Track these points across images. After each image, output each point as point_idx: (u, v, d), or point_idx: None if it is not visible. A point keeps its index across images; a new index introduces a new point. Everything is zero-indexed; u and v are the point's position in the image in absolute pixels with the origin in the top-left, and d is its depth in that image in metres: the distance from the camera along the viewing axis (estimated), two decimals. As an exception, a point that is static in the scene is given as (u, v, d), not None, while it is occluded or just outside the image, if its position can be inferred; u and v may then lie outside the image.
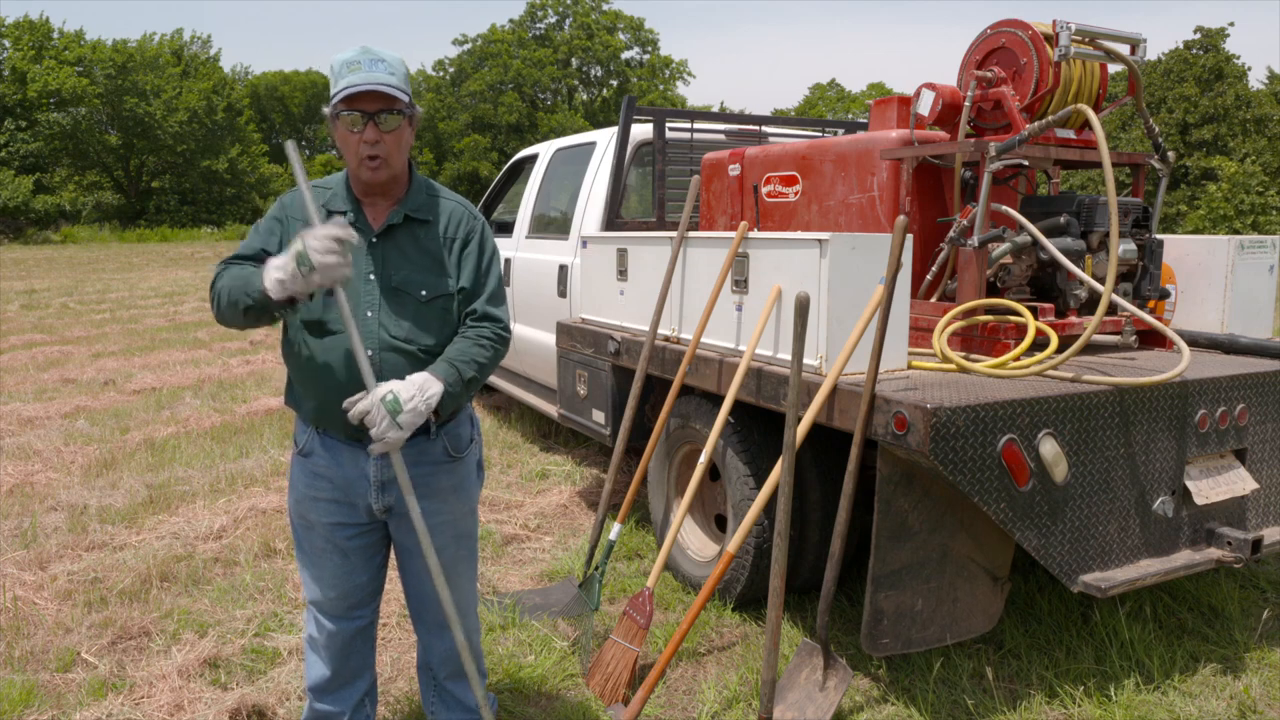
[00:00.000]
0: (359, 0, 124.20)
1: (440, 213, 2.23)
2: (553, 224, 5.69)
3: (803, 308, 2.68)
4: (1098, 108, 3.55)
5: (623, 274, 4.13)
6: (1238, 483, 3.07)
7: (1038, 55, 3.34)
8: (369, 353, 2.10)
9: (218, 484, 5.04)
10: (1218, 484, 3.03)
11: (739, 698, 2.93)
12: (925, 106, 3.50)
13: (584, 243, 4.56)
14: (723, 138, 5.45)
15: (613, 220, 4.89)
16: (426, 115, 45.95)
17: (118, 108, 40.33)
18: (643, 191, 5.72)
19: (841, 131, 5.60)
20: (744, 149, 4.47)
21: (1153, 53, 27.51)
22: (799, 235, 3.03)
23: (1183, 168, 25.40)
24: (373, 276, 2.14)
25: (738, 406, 3.25)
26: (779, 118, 6.01)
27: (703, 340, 3.47)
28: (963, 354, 3.21)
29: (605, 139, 5.27)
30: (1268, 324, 3.72)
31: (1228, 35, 26.67)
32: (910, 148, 3.51)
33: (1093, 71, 3.48)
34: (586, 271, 4.53)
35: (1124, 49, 3.42)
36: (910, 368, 3.05)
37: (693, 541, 3.80)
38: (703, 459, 3.23)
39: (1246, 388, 3.08)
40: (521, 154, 6.65)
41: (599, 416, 4.38)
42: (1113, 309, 3.28)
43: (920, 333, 3.28)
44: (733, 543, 2.94)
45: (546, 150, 6.10)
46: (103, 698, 2.88)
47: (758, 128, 5.53)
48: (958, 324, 3.22)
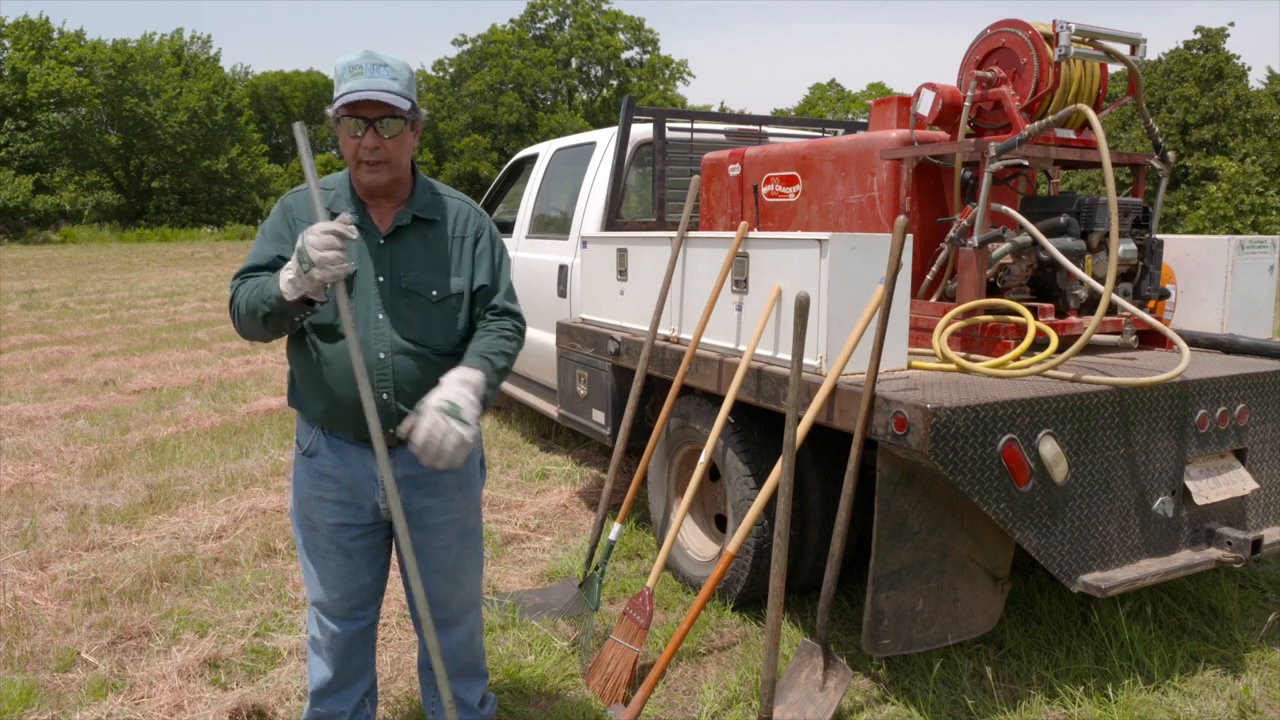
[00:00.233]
0: (359, 0, 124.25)
1: (446, 212, 2.23)
2: (553, 224, 5.69)
3: (803, 308, 2.67)
4: (1098, 108, 3.55)
5: (623, 274, 4.13)
6: (1238, 483, 3.07)
7: (1038, 55, 3.34)
8: (380, 355, 2.10)
9: (218, 484, 5.04)
10: (1218, 484, 3.03)
11: (739, 698, 2.93)
12: (925, 106, 3.50)
13: (584, 243, 4.56)
14: (723, 138, 5.45)
15: (613, 220, 4.89)
16: (427, 115, 45.95)
17: (118, 108, 40.33)
18: (643, 191, 5.72)
19: (841, 131, 5.60)
20: (744, 149, 4.47)
21: (1153, 53, 27.52)
22: (799, 235, 3.03)
23: (1183, 168, 25.41)
24: (382, 278, 2.13)
25: (738, 406, 3.25)
26: (779, 118, 6.01)
27: (703, 340, 3.47)
28: (963, 354, 3.21)
29: (605, 139, 5.27)
30: (1268, 324, 3.73)
31: (1228, 35, 26.69)
32: (910, 148, 3.51)
33: (1093, 71, 3.48)
34: (586, 271, 4.53)
35: (1124, 49, 3.42)
36: (910, 368, 3.05)
37: (693, 541, 3.80)
38: (703, 459, 3.23)
39: (1246, 388, 3.08)
40: (521, 154, 6.65)
41: (599, 416, 4.38)
42: (1113, 309, 3.28)
43: (920, 333, 3.28)
44: (733, 543, 2.94)
45: (546, 150, 6.10)
46: (103, 698, 2.88)
47: (758, 128, 5.53)
48: (958, 324, 3.22)
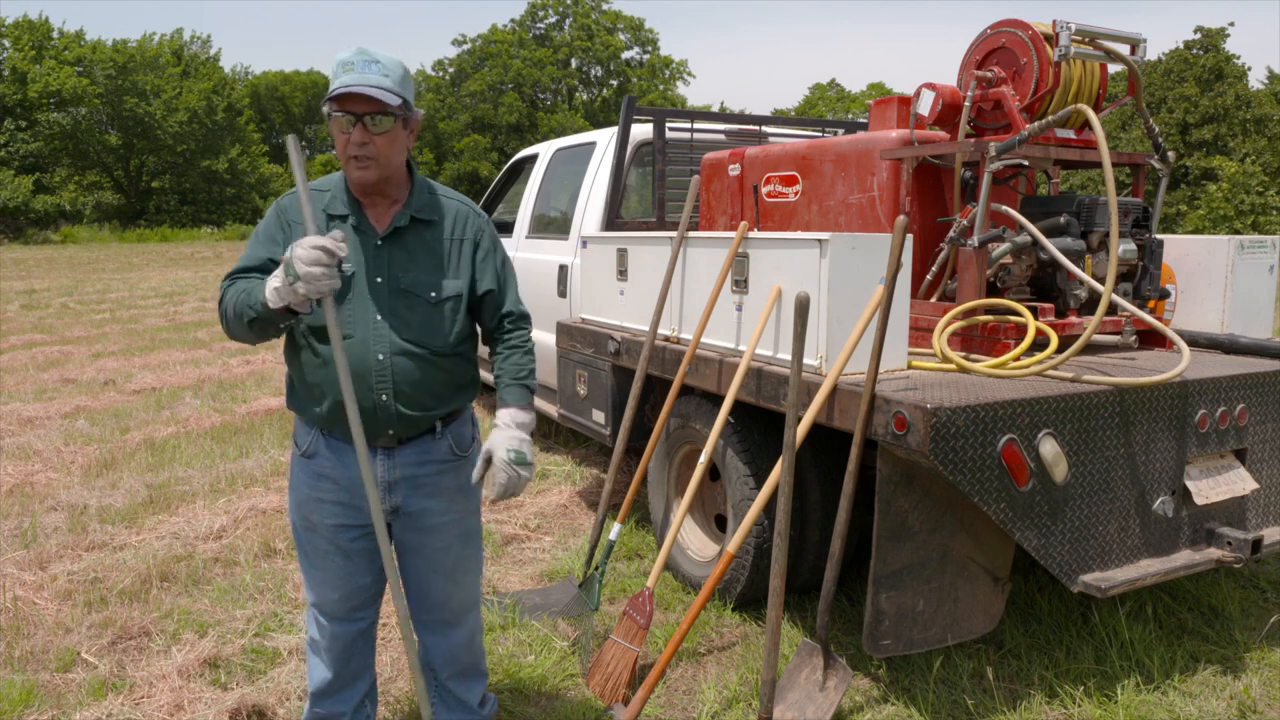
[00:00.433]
0: (359, 0, 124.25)
1: (444, 213, 2.23)
2: (553, 224, 5.69)
3: (803, 308, 2.67)
4: (1098, 108, 3.55)
5: (623, 274, 4.13)
6: (1238, 483, 3.07)
7: (1038, 55, 3.34)
8: (379, 356, 2.10)
9: (218, 484, 5.04)
10: (1218, 484, 3.03)
11: (739, 698, 2.93)
12: (925, 106, 3.50)
13: (584, 243, 4.56)
14: (723, 138, 5.45)
15: (613, 220, 4.89)
16: (426, 115, 45.96)
17: (118, 108, 40.31)
18: (643, 191, 5.72)
19: (841, 131, 5.60)
20: (744, 149, 4.47)
21: (1153, 53, 27.52)
22: (799, 235, 3.03)
23: (1183, 168, 25.41)
24: (380, 279, 2.13)
25: (738, 406, 3.25)
26: (779, 118, 6.01)
27: (703, 340, 3.47)
28: (963, 354, 3.21)
29: (605, 139, 5.27)
30: (1268, 324, 3.72)
31: (1228, 35, 26.68)
32: (910, 148, 3.51)
33: (1093, 71, 3.48)
34: (586, 271, 4.53)
35: (1124, 49, 3.42)
36: (910, 368, 3.05)
37: (693, 541, 3.80)
38: (703, 459, 3.23)
39: (1246, 388, 3.08)
40: (521, 154, 6.65)
41: (599, 416, 4.38)
42: (1113, 309, 3.28)
43: (920, 333, 3.28)
44: (733, 543, 2.94)
45: (546, 150, 6.10)
46: (103, 698, 2.88)
47: (758, 128, 5.53)
48: (958, 324, 3.22)
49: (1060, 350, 2.99)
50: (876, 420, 2.65)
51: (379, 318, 2.12)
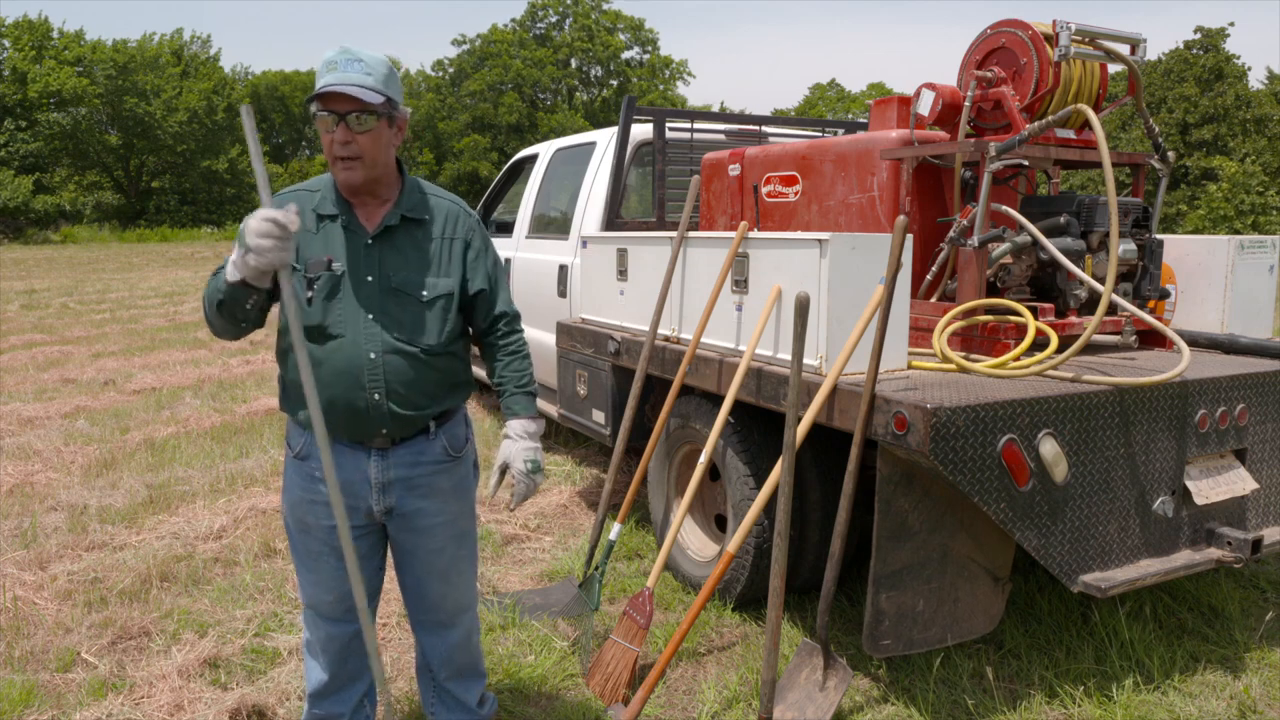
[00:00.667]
0: (359, 0, 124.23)
1: (435, 212, 2.23)
2: (553, 224, 5.69)
3: (803, 308, 2.67)
4: (1098, 108, 3.55)
5: (623, 274, 4.13)
6: (1238, 483, 3.07)
7: (1038, 55, 3.34)
8: (371, 355, 2.10)
9: (218, 484, 5.04)
10: (1218, 484, 3.03)
11: (739, 698, 2.93)
12: (925, 106, 3.50)
13: (584, 243, 4.56)
14: (723, 138, 5.45)
15: (613, 220, 4.89)
16: (427, 115, 45.98)
17: (118, 108, 40.31)
18: (643, 191, 5.72)
19: (841, 131, 5.60)
20: (744, 149, 4.47)
21: (1153, 53, 27.52)
22: (799, 235, 3.03)
23: (1183, 168, 25.41)
24: (370, 278, 2.13)
25: (738, 406, 3.25)
26: (779, 118, 6.01)
27: (703, 340, 3.47)
28: (963, 354, 3.21)
29: (605, 139, 5.27)
30: (1268, 324, 3.72)
31: (1228, 35, 26.68)
32: (910, 148, 3.51)
33: (1093, 71, 3.48)
34: (586, 271, 4.53)
35: (1124, 49, 3.42)
36: (910, 368, 3.05)
37: (693, 541, 3.80)
38: (703, 459, 3.23)
39: (1246, 388, 3.08)
40: (521, 154, 6.65)
41: (599, 416, 4.38)
42: (1113, 309, 3.28)
43: (920, 333, 3.28)
44: (733, 543, 2.94)
45: (546, 150, 6.10)
46: (103, 698, 2.88)
47: (758, 128, 5.53)
48: (958, 324, 3.22)
49: (1060, 350, 2.99)
50: (876, 420, 2.65)
51: (370, 317, 2.12)
